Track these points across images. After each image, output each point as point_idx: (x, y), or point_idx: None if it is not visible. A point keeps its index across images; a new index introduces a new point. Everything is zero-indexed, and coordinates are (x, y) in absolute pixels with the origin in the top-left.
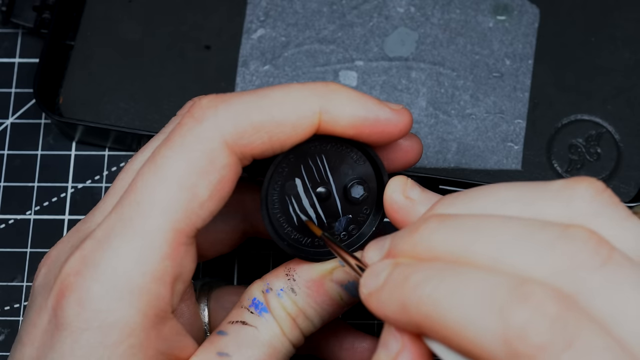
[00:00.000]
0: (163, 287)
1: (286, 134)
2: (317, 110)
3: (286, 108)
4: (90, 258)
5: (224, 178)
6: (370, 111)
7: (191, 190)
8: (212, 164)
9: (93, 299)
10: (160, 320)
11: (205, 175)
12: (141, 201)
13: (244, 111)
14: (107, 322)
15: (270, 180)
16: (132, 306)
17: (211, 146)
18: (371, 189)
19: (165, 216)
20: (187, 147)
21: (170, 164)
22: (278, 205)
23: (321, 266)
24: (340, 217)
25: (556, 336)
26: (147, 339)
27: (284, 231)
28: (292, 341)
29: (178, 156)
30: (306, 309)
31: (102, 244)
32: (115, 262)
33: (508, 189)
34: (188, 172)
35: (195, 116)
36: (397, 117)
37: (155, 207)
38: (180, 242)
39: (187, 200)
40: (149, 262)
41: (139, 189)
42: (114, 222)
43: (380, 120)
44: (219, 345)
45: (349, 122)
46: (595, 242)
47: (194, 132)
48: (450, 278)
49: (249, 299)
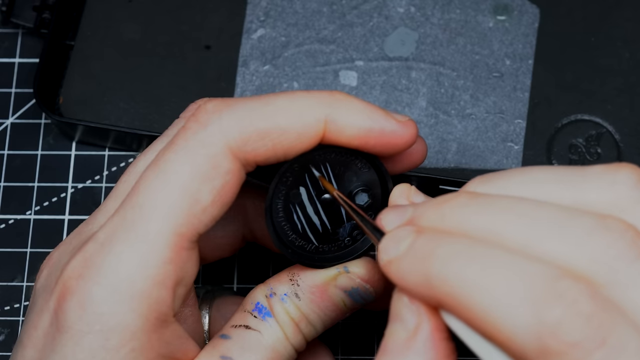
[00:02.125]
0: (165, 291)
1: (290, 142)
2: (322, 119)
3: (291, 116)
4: (92, 261)
5: (227, 184)
6: (376, 122)
7: (194, 195)
8: (215, 170)
9: (95, 302)
10: (161, 323)
11: (209, 181)
12: (144, 205)
13: (249, 117)
14: (108, 326)
15: (274, 190)
16: (133, 310)
17: (215, 151)
18: (375, 195)
19: (167, 220)
20: (190, 152)
21: (173, 168)
22: (282, 214)
23: (325, 272)
24: (345, 223)
25: (590, 334)
26: (149, 343)
27: (288, 239)
28: (295, 346)
29: (182, 160)
30: (309, 315)
31: (104, 247)
32: (117, 266)
33: (544, 171)
34: (191, 177)
35: (200, 120)
36: (402, 129)
37: (158, 211)
38: (182, 246)
39: (189, 205)
40: (151, 266)
41: (142, 192)
42: (117, 225)
43: (386, 132)
44: (222, 348)
45: (355, 132)
46: (632, 234)
47: (198, 136)
48: (481, 257)
49: (252, 303)
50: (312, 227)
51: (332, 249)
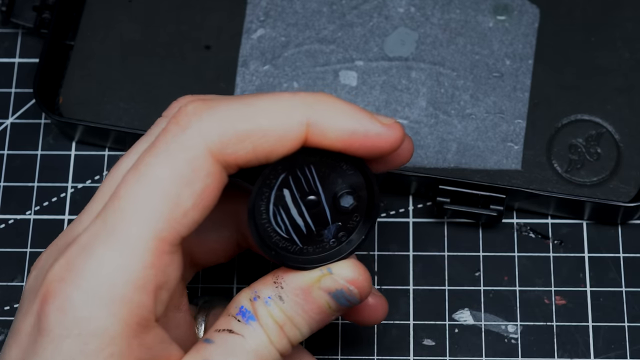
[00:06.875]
0: (145, 296)
1: (271, 144)
2: (304, 121)
3: (273, 118)
4: (74, 264)
5: (208, 187)
6: (360, 125)
7: (174, 199)
8: (195, 173)
9: (75, 306)
10: (142, 328)
11: (189, 184)
12: (124, 209)
13: (229, 119)
14: (87, 330)
15: (257, 192)
16: (113, 314)
17: (195, 155)
18: (361, 197)
19: (148, 225)
20: (171, 156)
21: (153, 172)
22: (265, 216)
23: (309, 274)
24: (330, 224)
25: None
26: (129, 348)
27: (272, 240)
28: (280, 349)
29: (162, 164)
30: (294, 317)
31: (85, 251)
32: (98, 270)
33: None
34: (171, 181)
35: (180, 123)
36: (387, 132)
37: (138, 215)
38: (163, 250)
39: (170, 209)
40: (132, 270)
41: (123, 196)
42: (98, 228)
43: (370, 135)
44: (205, 353)
45: (338, 135)
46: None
47: (178, 140)
48: None
49: (236, 307)
50: (296, 229)
51: (317, 250)
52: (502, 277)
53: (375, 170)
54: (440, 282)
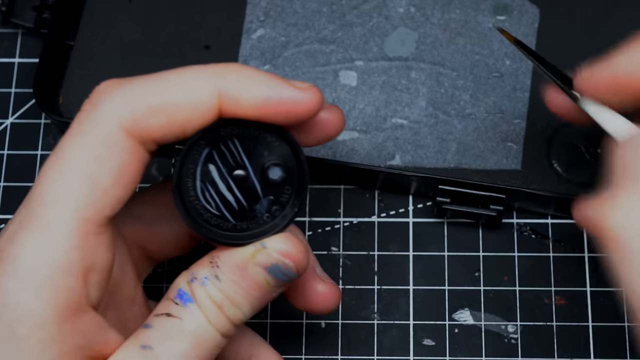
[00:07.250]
0: (73, 279)
1: (185, 116)
2: (215, 91)
3: (183, 90)
4: (1, 252)
5: (125, 163)
6: (273, 91)
7: (92, 178)
8: (110, 150)
9: (5, 292)
10: (74, 313)
11: (105, 161)
12: (44, 193)
13: (140, 94)
14: (15, 315)
15: (181, 168)
16: (41, 299)
17: (108, 131)
18: (290, 168)
19: (67, 206)
20: (84, 135)
21: (69, 153)
22: (193, 193)
23: (243, 250)
24: (261, 199)
25: None
26: (60, 333)
27: (203, 218)
28: (220, 330)
29: (76, 144)
30: (232, 296)
31: (10, 238)
32: (22, 255)
33: None
34: (87, 160)
35: (92, 102)
36: (302, 96)
37: (58, 198)
38: (88, 231)
39: (89, 189)
40: (56, 253)
41: (42, 181)
42: (23, 215)
43: (284, 100)
44: (143, 338)
45: (252, 103)
46: None
47: (91, 118)
48: None
49: (174, 290)
50: (226, 205)
51: (251, 226)
52: (502, 277)
53: (306, 144)
54: (440, 282)
